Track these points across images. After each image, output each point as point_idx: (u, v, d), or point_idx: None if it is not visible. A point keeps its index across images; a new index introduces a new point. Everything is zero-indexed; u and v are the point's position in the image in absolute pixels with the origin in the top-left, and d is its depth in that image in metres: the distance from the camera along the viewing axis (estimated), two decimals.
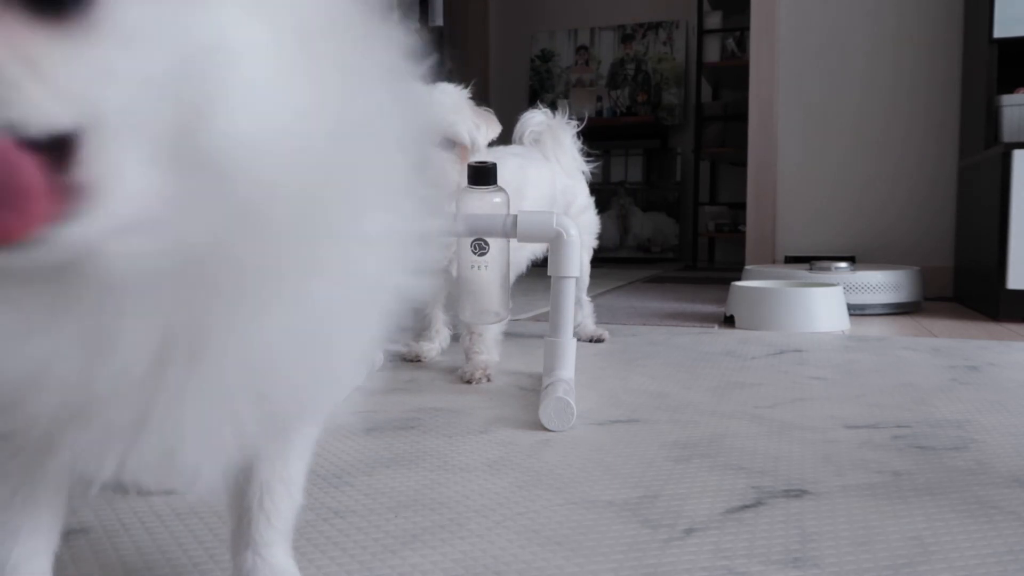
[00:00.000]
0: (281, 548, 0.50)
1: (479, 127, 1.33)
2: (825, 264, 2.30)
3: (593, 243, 1.68)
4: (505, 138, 1.48)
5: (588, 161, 1.67)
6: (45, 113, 0.25)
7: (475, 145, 1.33)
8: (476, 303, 1.17)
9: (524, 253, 1.48)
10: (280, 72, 0.29)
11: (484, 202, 1.15)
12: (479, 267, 1.16)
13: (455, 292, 1.18)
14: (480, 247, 1.15)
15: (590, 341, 1.65)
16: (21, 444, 0.37)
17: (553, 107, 1.64)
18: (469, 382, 1.25)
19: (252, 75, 0.28)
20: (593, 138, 1.73)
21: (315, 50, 0.31)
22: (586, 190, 1.67)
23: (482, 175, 1.15)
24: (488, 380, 1.25)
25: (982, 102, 2.29)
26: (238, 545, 0.49)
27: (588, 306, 1.69)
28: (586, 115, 1.71)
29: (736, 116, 4.18)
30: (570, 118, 1.64)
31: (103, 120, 0.26)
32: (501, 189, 1.17)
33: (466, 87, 1.36)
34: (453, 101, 1.30)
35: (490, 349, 1.31)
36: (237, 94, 0.28)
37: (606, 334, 1.68)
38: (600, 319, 1.76)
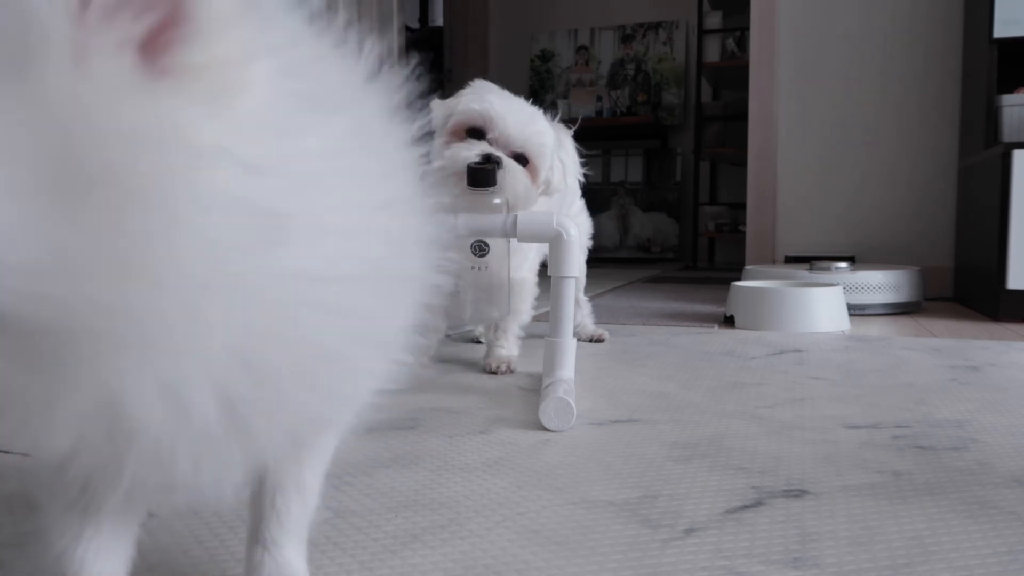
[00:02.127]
0: (291, 548, 0.50)
1: (564, 165, 1.34)
2: (825, 264, 2.29)
3: (588, 243, 1.69)
4: None
5: (582, 163, 1.67)
6: None
7: (547, 184, 1.33)
8: (476, 303, 1.18)
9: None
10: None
11: (483, 203, 1.15)
12: (479, 268, 1.16)
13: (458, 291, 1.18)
14: (480, 248, 1.15)
15: (590, 341, 1.65)
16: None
17: (553, 107, 1.64)
18: (495, 372, 1.32)
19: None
20: (593, 138, 1.74)
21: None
22: (579, 192, 1.67)
23: (481, 177, 1.15)
24: (511, 372, 1.32)
25: (982, 102, 2.29)
26: (252, 541, 0.50)
27: (587, 306, 1.70)
28: (579, 117, 1.71)
29: (736, 116, 4.18)
30: (560, 119, 1.64)
31: None
32: (501, 190, 1.17)
33: (571, 127, 1.40)
34: (544, 124, 1.31)
35: (511, 345, 1.37)
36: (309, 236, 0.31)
37: (606, 334, 1.69)
38: (600, 319, 1.76)
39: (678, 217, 4.83)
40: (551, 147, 1.29)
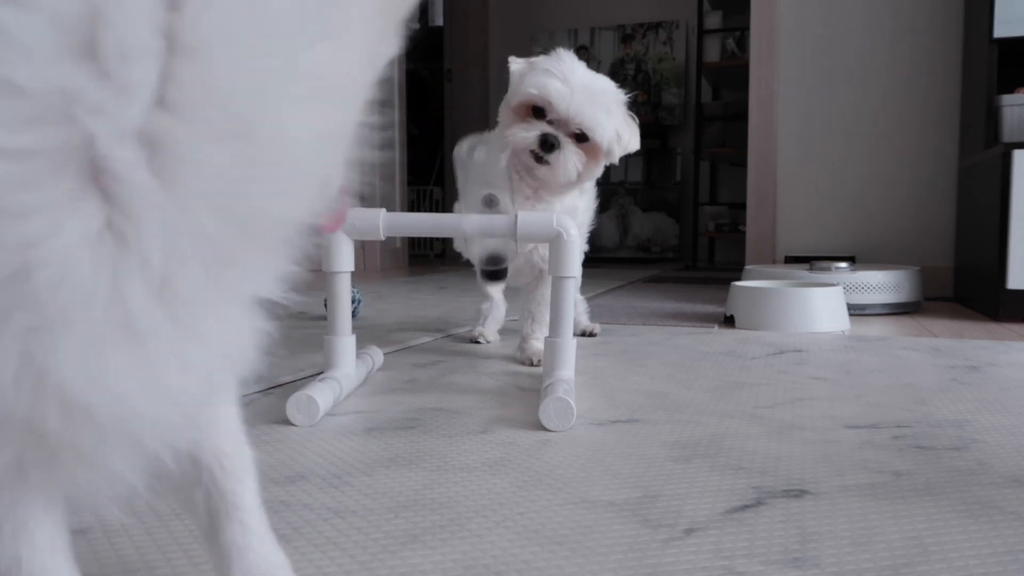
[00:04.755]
0: (259, 538, 0.48)
1: (620, 138, 1.33)
2: (825, 264, 2.30)
3: (590, 224, 1.68)
4: None
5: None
6: None
7: (610, 154, 1.33)
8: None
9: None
10: None
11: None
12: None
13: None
14: (490, 202, 1.15)
15: (582, 335, 1.71)
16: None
17: None
18: (534, 365, 1.36)
19: None
20: None
21: None
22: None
23: (491, 276, 1.18)
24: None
25: (982, 102, 2.29)
26: (214, 544, 0.48)
27: (582, 304, 1.75)
28: None
29: (736, 116, 4.18)
30: None
31: None
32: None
33: (628, 93, 1.37)
34: (605, 99, 1.30)
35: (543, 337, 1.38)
36: None
37: (597, 327, 1.74)
38: (600, 319, 1.77)
39: (678, 217, 4.83)
40: (612, 124, 1.31)
